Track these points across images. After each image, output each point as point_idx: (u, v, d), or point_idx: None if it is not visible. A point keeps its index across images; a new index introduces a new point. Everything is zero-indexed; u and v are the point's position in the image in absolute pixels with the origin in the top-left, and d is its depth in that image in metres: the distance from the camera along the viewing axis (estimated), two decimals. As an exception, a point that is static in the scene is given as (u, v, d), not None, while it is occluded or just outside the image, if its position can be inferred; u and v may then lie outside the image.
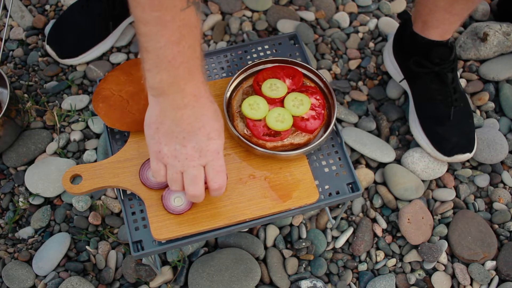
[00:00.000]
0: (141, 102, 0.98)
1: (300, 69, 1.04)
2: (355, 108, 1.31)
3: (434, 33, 1.14)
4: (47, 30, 1.40)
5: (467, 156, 1.18)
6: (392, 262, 1.15)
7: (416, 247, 1.16)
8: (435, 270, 1.14)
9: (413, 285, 1.13)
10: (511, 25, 1.35)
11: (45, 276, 1.11)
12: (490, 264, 1.15)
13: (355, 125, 1.29)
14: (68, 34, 1.34)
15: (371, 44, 1.41)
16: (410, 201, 1.19)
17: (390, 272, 1.14)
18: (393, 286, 1.12)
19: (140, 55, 0.78)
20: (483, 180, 1.23)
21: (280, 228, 1.17)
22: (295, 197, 0.94)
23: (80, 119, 1.28)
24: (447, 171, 1.24)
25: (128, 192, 0.96)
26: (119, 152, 0.97)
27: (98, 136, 1.27)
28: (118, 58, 1.37)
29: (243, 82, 1.04)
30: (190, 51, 0.76)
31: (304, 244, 1.14)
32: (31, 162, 1.23)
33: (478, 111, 1.31)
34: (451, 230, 1.17)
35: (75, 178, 0.96)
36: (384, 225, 1.18)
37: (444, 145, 1.18)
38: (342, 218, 1.19)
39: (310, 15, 1.44)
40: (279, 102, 0.98)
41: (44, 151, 1.24)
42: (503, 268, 1.13)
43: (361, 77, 1.36)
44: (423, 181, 1.22)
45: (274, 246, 1.16)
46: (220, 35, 1.41)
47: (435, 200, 1.21)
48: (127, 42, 1.39)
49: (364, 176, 1.21)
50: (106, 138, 1.02)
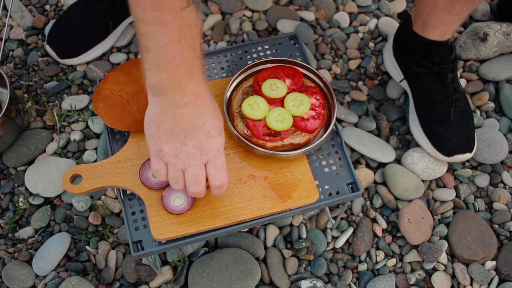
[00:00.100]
0: (141, 102, 0.98)
1: (300, 69, 1.04)
2: (355, 108, 1.31)
3: (434, 33, 1.14)
4: (47, 30, 1.39)
5: (467, 156, 1.18)
6: (392, 262, 1.15)
7: (416, 247, 1.16)
8: (435, 270, 1.14)
9: (413, 285, 1.13)
10: (511, 25, 1.35)
11: (45, 276, 1.11)
12: (490, 264, 1.14)
13: (355, 125, 1.29)
14: (68, 34, 1.33)
15: (371, 44, 1.41)
16: (410, 201, 1.19)
17: (390, 272, 1.14)
18: (393, 286, 1.12)
19: (140, 55, 0.78)
20: (483, 180, 1.23)
21: (280, 228, 1.17)
22: (295, 197, 0.94)
23: (80, 119, 1.28)
24: (447, 171, 1.24)
25: (128, 192, 0.96)
26: (119, 152, 0.97)
27: (98, 136, 1.27)
28: (118, 58, 1.37)
29: (243, 82, 1.03)
30: (190, 51, 0.76)
31: (304, 244, 1.14)
32: (31, 162, 1.23)
33: (478, 111, 1.31)
34: (451, 230, 1.17)
35: (75, 178, 0.96)
36: (384, 225, 1.18)
37: (444, 145, 1.18)
38: (342, 218, 1.18)
39: (310, 15, 1.44)
40: (279, 102, 0.98)
41: (44, 151, 1.24)
42: (503, 268, 1.13)
43: (361, 77, 1.36)
44: (423, 181, 1.22)
45: (274, 246, 1.16)
46: (220, 35, 1.41)
47: (435, 200, 1.21)
48: (127, 42, 1.39)
49: (364, 176, 1.21)
50: (106, 138, 1.02)
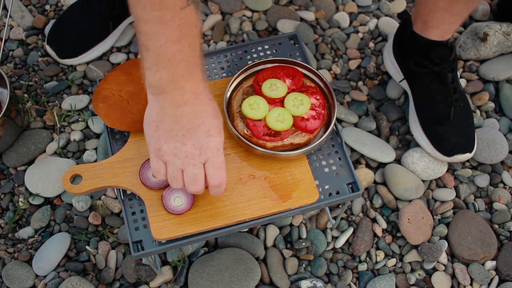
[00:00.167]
0: (141, 102, 0.98)
1: (300, 69, 1.04)
2: (355, 108, 1.31)
3: (434, 33, 1.14)
4: (47, 30, 1.39)
5: (467, 156, 1.18)
6: (392, 262, 1.15)
7: (416, 247, 1.16)
8: (435, 270, 1.14)
9: (413, 285, 1.13)
10: (511, 25, 1.35)
11: (45, 276, 1.11)
12: (490, 264, 1.14)
13: (355, 125, 1.29)
14: (68, 34, 1.33)
15: (371, 44, 1.41)
16: (410, 201, 1.19)
17: (390, 272, 1.14)
18: (393, 286, 1.12)
19: (140, 54, 0.78)
20: (483, 180, 1.23)
21: (280, 228, 1.17)
22: (295, 197, 0.94)
23: (80, 119, 1.28)
24: (447, 171, 1.24)
25: (128, 192, 0.96)
26: (119, 152, 0.97)
27: (98, 136, 1.27)
28: (118, 58, 1.37)
29: (243, 82, 1.03)
30: (189, 50, 0.76)
31: (304, 244, 1.14)
32: (31, 162, 1.23)
33: (478, 111, 1.31)
34: (451, 230, 1.17)
35: (75, 178, 0.96)
36: (384, 225, 1.18)
37: (444, 145, 1.18)
38: (342, 218, 1.18)
39: (310, 15, 1.44)
40: (279, 102, 0.98)
41: (44, 151, 1.24)
42: (503, 268, 1.13)
43: (361, 77, 1.36)
44: (423, 181, 1.22)
45: (274, 246, 1.16)
46: (220, 35, 1.41)
47: (435, 200, 1.21)
48: (127, 42, 1.39)
49: (364, 176, 1.21)
50: (106, 138, 1.02)
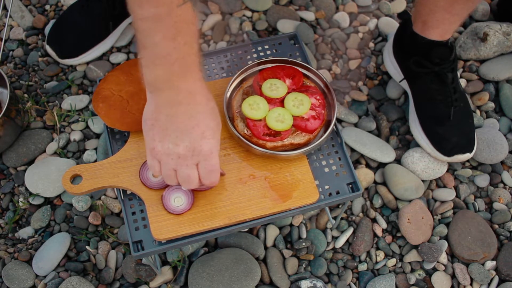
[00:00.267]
0: (141, 102, 0.97)
1: (300, 69, 1.04)
2: (355, 108, 1.31)
3: (434, 33, 1.14)
4: (47, 30, 1.39)
5: (467, 156, 1.18)
6: (392, 262, 1.15)
7: (416, 247, 1.16)
8: (435, 270, 1.14)
9: (413, 285, 1.13)
10: (511, 25, 1.35)
11: (45, 276, 1.11)
12: (490, 264, 1.14)
13: (355, 125, 1.29)
14: (68, 34, 1.33)
15: (371, 44, 1.41)
16: (410, 201, 1.19)
17: (390, 272, 1.14)
18: (393, 286, 1.12)
19: (138, 52, 0.78)
20: (483, 180, 1.23)
21: (280, 228, 1.17)
22: (295, 197, 0.94)
23: (80, 119, 1.28)
24: (447, 171, 1.24)
25: (128, 192, 0.96)
26: (119, 152, 0.97)
27: (98, 136, 1.27)
28: (118, 58, 1.37)
29: (243, 82, 1.03)
30: (186, 48, 0.76)
31: (304, 244, 1.14)
32: (31, 162, 1.23)
33: (478, 111, 1.31)
34: (451, 230, 1.17)
35: (75, 178, 0.96)
36: (384, 225, 1.18)
37: (444, 145, 1.18)
38: (342, 218, 1.18)
39: (310, 15, 1.44)
40: (279, 102, 0.98)
41: (44, 151, 1.24)
42: (503, 268, 1.13)
43: (361, 77, 1.36)
44: (423, 181, 1.22)
45: (274, 246, 1.16)
46: (220, 35, 1.41)
47: (435, 200, 1.21)
48: (127, 42, 1.39)
49: (364, 176, 1.21)
50: (106, 138, 1.02)
